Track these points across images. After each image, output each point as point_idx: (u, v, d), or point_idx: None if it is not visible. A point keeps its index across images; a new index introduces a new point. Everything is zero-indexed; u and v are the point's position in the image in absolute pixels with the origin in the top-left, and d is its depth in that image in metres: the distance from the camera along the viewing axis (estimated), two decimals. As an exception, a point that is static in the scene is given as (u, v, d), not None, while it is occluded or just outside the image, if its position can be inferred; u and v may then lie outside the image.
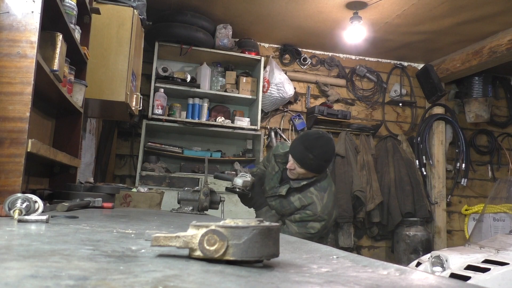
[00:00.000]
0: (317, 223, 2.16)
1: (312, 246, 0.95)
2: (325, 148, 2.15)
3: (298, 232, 2.14)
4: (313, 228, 2.16)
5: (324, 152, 2.14)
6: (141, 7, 2.94)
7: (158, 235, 0.62)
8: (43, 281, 0.42)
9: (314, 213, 2.15)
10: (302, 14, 4.11)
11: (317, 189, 2.21)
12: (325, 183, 2.25)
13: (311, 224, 2.16)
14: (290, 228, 2.17)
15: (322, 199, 2.18)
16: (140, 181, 3.97)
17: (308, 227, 2.16)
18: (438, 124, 5.18)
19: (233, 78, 4.54)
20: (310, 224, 2.16)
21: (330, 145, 2.19)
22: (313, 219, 2.16)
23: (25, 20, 1.45)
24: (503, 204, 4.17)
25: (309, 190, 2.21)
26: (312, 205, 2.16)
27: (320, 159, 2.13)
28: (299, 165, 2.15)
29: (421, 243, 4.61)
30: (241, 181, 2.22)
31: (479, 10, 3.84)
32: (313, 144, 2.12)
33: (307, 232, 2.16)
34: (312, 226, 2.16)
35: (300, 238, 1.20)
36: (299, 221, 2.18)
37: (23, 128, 1.40)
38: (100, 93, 2.67)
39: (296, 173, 2.20)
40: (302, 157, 2.13)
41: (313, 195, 2.19)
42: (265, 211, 2.26)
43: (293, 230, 2.15)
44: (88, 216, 1.36)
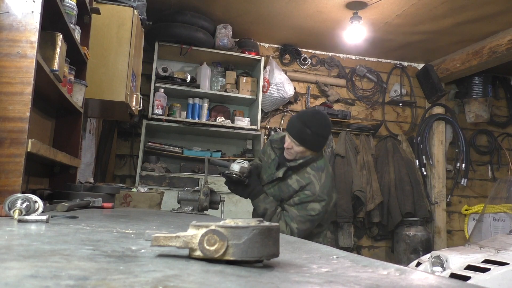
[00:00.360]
0: (317, 203, 2.12)
1: (312, 246, 0.95)
2: (323, 123, 2.13)
3: (299, 215, 2.10)
4: (313, 210, 2.11)
5: (322, 128, 2.13)
6: (141, 7, 2.94)
7: (158, 235, 0.62)
8: (43, 281, 0.42)
9: (313, 192, 2.11)
10: (302, 14, 4.11)
11: (314, 169, 2.17)
12: (321, 163, 2.21)
13: (311, 206, 2.11)
14: (290, 212, 2.12)
15: (320, 179, 2.15)
16: (140, 181, 3.97)
17: (309, 209, 2.11)
18: (438, 124, 5.18)
19: (233, 78, 4.54)
20: (310, 206, 2.11)
21: (327, 121, 2.18)
22: (313, 199, 2.11)
23: (25, 20, 1.45)
24: (503, 204, 4.17)
25: (306, 171, 2.17)
26: (310, 185, 2.13)
27: (318, 135, 2.11)
28: (297, 142, 2.12)
29: (421, 243, 4.61)
30: (239, 166, 2.17)
31: (479, 10, 3.85)
32: (311, 120, 2.11)
33: (308, 214, 2.11)
34: (313, 208, 2.11)
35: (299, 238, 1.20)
36: (298, 204, 2.13)
37: (23, 128, 1.40)
38: (100, 93, 2.67)
39: (293, 152, 2.16)
40: (299, 133, 2.11)
41: (310, 175, 2.15)
42: (262, 199, 2.20)
43: (294, 214, 2.11)
44: (88, 216, 1.36)
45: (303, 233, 2.10)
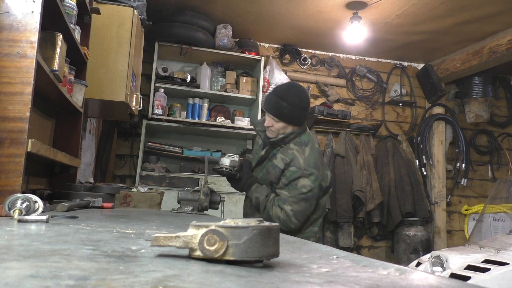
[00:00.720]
0: (305, 179, 2.03)
1: (312, 246, 0.95)
2: (299, 95, 2.10)
3: (290, 196, 2.03)
4: (304, 187, 2.03)
5: (299, 99, 2.09)
6: (141, 7, 2.94)
7: (158, 235, 0.62)
8: (43, 281, 0.42)
9: (298, 167, 2.05)
10: (302, 14, 4.11)
11: (297, 144, 2.13)
12: (305, 138, 2.16)
13: (300, 183, 2.03)
14: (282, 195, 2.06)
15: (303, 152, 2.09)
16: (140, 181, 3.97)
17: (299, 187, 2.03)
18: (438, 124, 5.18)
19: (233, 78, 4.54)
20: (299, 183, 2.04)
21: (304, 92, 2.15)
22: (299, 174, 2.04)
23: (25, 20, 1.45)
24: (503, 204, 4.17)
25: (289, 147, 2.13)
26: (294, 160, 2.08)
27: (295, 106, 2.07)
28: (275, 118, 2.10)
29: (421, 243, 4.61)
30: (228, 160, 2.15)
31: (479, 10, 3.84)
32: (286, 93, 2.09)
33: (300, 192, 2.03)
34: (303, 184, 2.03)
35: (299, 238, 1.20)
36: (287, 184, 2.06)
37: (23, 128, 1.40)
38: (100, 93, 2.67)
39: (275, 129, 2.13)
40: (276, 107, 2.08)
41: (293, 151, 2.11)
42: (254, 189, 2.16)
43: (285, 196, 2.04)
44: (88, 216, 1.36)
45: (300, 214, 2.04)
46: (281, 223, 2.03)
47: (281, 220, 2.04)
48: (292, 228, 2.05)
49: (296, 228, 2.07)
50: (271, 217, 2.07)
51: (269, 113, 2.13)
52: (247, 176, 2.19)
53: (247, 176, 2.19)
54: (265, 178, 2.18)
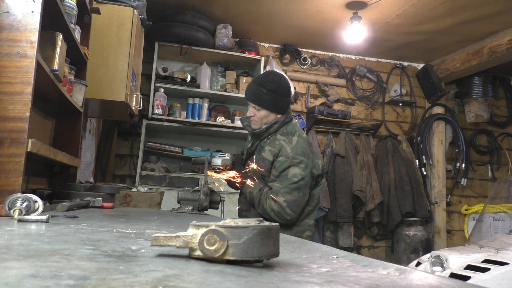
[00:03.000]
0: (295, 168, 2.02)
1: (312, 246, 0.95)
2: (278, 81, 2.10)
3: (282, 187, 2.02)
4: (295, 176, 2.02)
5: (278, 85, 2.09)
6: (141, 7, 2.94)
7: (158, 235, 0.62)
8: (43, 281, 0.42)
9: (286, 156, 2.03)
10: (302, 14, 4.11)
11: (284, 134, 2.13)
12: (291, 128, 2.16)
13: (290, 172, 2.02)
14: (274, 187, 2.04)
15: (290, 142, 2.09)
16: (140, 181, 3.97)
17: (290, 177, 2.02)
18: (438, 124, 5.18)
19: (233, 78, 4.54)
20: (290, 173, 2.02)
21: (283, 79, 2.14)
22: (288, 164, 2.03)
23: (25, 20, 1.45)
24: (503, 204, 4.17)
25: (276, 138, 2.13)
26: (282, 150, 2.07)
27: (275, 92, 2.08)
28: (257, 106, 2.10)
29: (421, 243, 4.61)
30: (220, 160, 2.13)
31: (479, 10, 3.84)
32: (264, 80, 2.10)
33: (291, 182, 2.01)
34: (293, 174, 2.02)
35: (299, 238, 1.20)
36: (278, 175, 2.05)
37: (23, 128, 1.40)
38: (100, 93, 2.67)
39: (258, 119, 2.13)
40: (255, 94, 2.09)
41: (280, 141, 2.10)
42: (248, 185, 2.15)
43: (277, 188, 2.03)
44: (88, 216, 1.36)
45: (294, 204, 2.02)
46: (276, 215, 2.03)
47: (276, 212, 2.03)
48: (288, 220, 2.04)
49: (292, 219, 2.05)
50: (265, 210, 2.06)
51: (249, 101, 2.14)
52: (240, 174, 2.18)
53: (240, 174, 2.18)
54: (256, 172, 2.17)
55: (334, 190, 4.60)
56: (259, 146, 2.20)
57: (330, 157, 4.79)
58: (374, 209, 4.72)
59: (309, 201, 2.14)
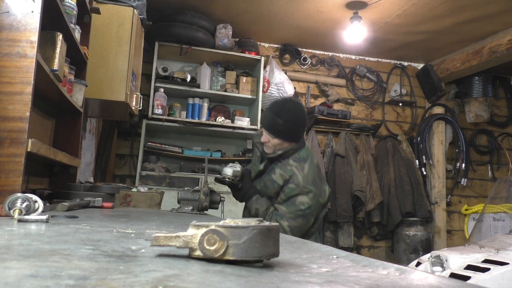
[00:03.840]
0: (304, 196, 2.03)
1: (312, 246, 0.95)
2: (294, 112, 2.09)
3: (288, 212, 2.03)
4: (302, 204, 2.03)
5: (294, 116, 2.08)
6: (141, 7, 2.94)
7: (158, 235, 0.62)
8: (43, 280, 0.42)
9: (297, 184, 2.03)
10: (302, 14, 4.11)
11: (296, 160, 2.12)
12: (304, 154, 2.15)
13: (299, 200, 2.03)
14: (280, 210, 2.06)
15: (302, 169, 2.08)
16: (140, 181, 3.97)
17: (297, 204, 2.03)
18: (438, 124, 5.18)
19: (233, 78, 4.54)
20: (298, 200, 2.03)
21: (299, 109, 2.13)
22: (298, 192, 2.03)
23: (25, 19, 1.45)
24: (503, 204, 4.17)
25: (288, 163, 2.12)
26: (293, 177, 2.06)
27: (290, 123, 2.07)
28: (271, 134, 2.09)
29: (421, 243, 4.61)
30: (231, 170, 2.15)
31: (479, 10, 3.84)
32: (281, 109, 2.08)
33: (297, 209, 2.03)
34: (301, 202, 2.03)
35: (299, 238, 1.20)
36: (286, 200, 2.06)
37: (23, 128, 1.40)
38: (100, 93, 2.67)
39: (271, 145, 2.13)
40: (271, 124, 2.08)
41: (292, 167, 2.10)
42: (255, 200, 2.16)
43: (283, 212, 2.04)
44: (88, 216, 1.36)
45: (297, 230, 2.04)
46: None
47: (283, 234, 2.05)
48: None
49: None
50: None
51: (266, 129, 2.13)
52: (248, 186, 2.20)
53: (248, 186, 2.20)
54: (264, 191, 2.19)
55: (334, 190, 4.60)
56: (269, 167, 2.20)
57: (330, 157, 4.79)
58: (374, 209, 4.72)
59: (313, 224, 2.15)
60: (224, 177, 2.16)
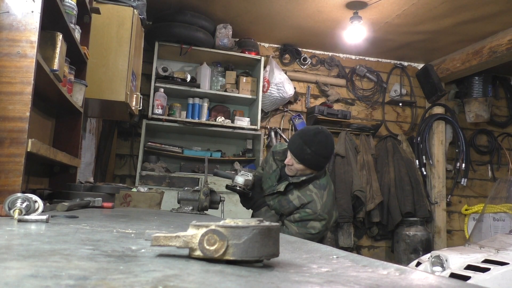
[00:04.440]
0: (317, 222, 2.11)
1: (312, 246, 0.95)
2: (324, 144, 2.11)
3: (298, 233, 2.07)
4: (313, 228, 2.10)
5: (323, 148, 2.11)
6: (141, 7, 2.94)
7: (158, 235, 0.62)
8: (43, 280, 0.42)
9: (314, 211, 2.10)
10: (302, 14, 4.11)
11: (316, 187, 2.17)
12: (324, 181, 2.20)
13: (311, 224, 2.11)
14: (290, 228, 2.12)
15: (322, 197, 2.13)
16: (140, 181, 3.97)
17: (309, 227, 2.10)
18: (438, 124, 5.18)
19: (233, 78, 4.54)
20: (310, 224, 2.11)
21: (329, 142, 2.16)
22: (313, 218, 2.10)
23: (25, 19, 1.45)
24: (503, 204, 4.17)
25: (308, 188, 2.16)
26: (311, 203, 2.12)
27: (318, 155, 2.10)
28: (297, 160, 2.12)
29: (421, 243, 4.61)
30: (243, 179, 2.18)
31: (479, 10, 3.84)
32: (311, 139, 2.10)
33: (308, 232, 2.10)
34: (313, 226, 2.10)
35: (300, 238, 1.20)
36: (299, 221, 2.13)
37: (23, 127, 1.40)
38: (100, 93, 2.67)
39: (294, 169, 2.15)
40: (300, 152, 2.10)
41: (312, 193, 2.14)
42: (264, 212, 2.20)
43: (293, 231, 2.09)
44: (88, 216, 1.36)
45: None
46: None
47: None
48: None
49: None
50: None
51: (292, 154, 2.14)
52: (258, 196, 2.24)
53: (258, 196, 2.24)
54: (276, 208, 2.22)
55: (334, 190, 4.60)
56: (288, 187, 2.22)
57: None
58: (374, 209, 4.72)
59: None
60: (235, 185, 2.20)
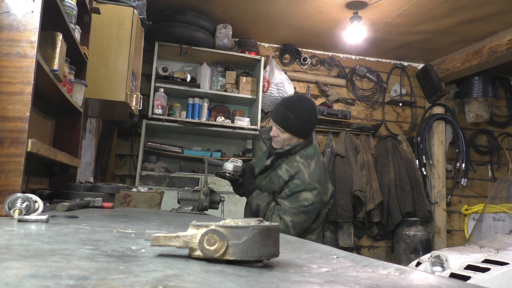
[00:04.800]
0: (308, 192, 2.05)
1: (312, 246, 0.95)
2: (307, 109, 2.11)
3: (291, 207, 2.04)
4: (306, 200, 2.04)
5: (306, 112, 2.10)
6: (141, 7, 2.94)
7: (158, 234, 0.62)
8: (43, 280, 0.42)
9: (303, 181, 2.05)
10: (302, 14, 4.11)
11: (303, 157, 2.14)
12: (311, 151, 2.17)
13: (303, 196, 2.05)
14: (283, 205, 2.07)
15: (308, 166, 2.10)
16: (140, 181, 3.97)
17: (301, 200, 2.04)
18: (438, 124, 5.18)
19: (233, 78, 4.54)
20: (302, 196, 2.05)
21: (312, 106, 2.15)
22: (303, 188, 2.05)
23: (25, 19, 1.45)
24: (503, 204, 4.17)
25: (295, 159, 2.13)
26: (299, 173, 2.08)
27: (302, 120, 2.09)
28: (281, 129, 2.11)
29: (421, 243, 4.61)
30: (232, 165, 2.16)
31: (479, 10, 3.84)
32: (294, 105, 2.10)
33: (301, 205, 2.04)
34: (305, 198, 2.04)
35: (299, 238, 1.20)
36: (290, 195, 2.07)
37: (23, 127, 1.40)
38: (100, 93, 2.67)
39: (280, 140, 2.14)
40: (283, 118, 2.09)
41: (299, 163, 2.11)
42: (256, 195, 2.17)
43: (286, 207, 2.05)
44: (88, 216, 1.36)
45: (299, 226, 2.05)
46: None
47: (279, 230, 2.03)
48: None
49: None
50: None
51: (276, 123, 2.13)
52: (249, 181, 2.21)
53: (249, 181, 2.21)
54: (268, 186, 2.20)
55: (334, 190, 4.60)
56: (276, 162, 2.20)
57: (330, 157, 4.79)
58: (374, 209, 4.72)
59: (315, 220, 2.16)
60: (225, 171, 2.17)
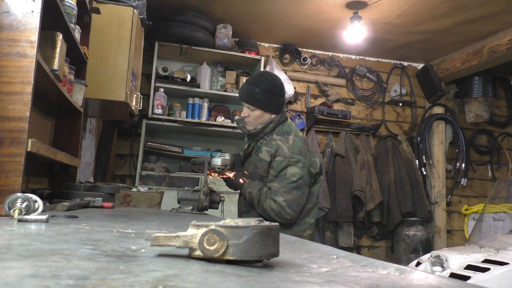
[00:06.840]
0: (293, 167, 2.02)
1: (312, 246, 0.95)
2: (271, 81, 2.12)
3: (281, 187, 2.02)
4: (293, 175, 2.02)
5: (271, 85, 2.11)
6: (141, 7, 2.94)
7: (158, 234, 0.62)
8: (43, 280, 0.42)
9: (284, 156, 2.04)
10: (302, 14, 4.11)
11: (280, 134, 2.13)
12: (287, 127, 2.17)
13: (289, 172, 2.03)
14: (273, 187, 2.05)
15: (287, 141, 2.08)
16: (140, 181, 3.97)
17: (288, 176, 2.02)
18: (438, 124, 5.18)
19: (233, 78, 4.54)
20: (288, 172, 2.02)
21: (276, 79, 2.16)
22: (286, 163, 2.03)
23: (25, 19, 1.45)
24: (503, 204, 4.17)
25: (273, 138, 2.13)
26: (278, 149, 2.07)
27: (268, 92, 2.09)
28: (251, 106, 2.11)
29: (421, 243, 4.61)
30: (220, 160, 2.15)
31: (479, 10, 3.84)
32: (257, 79, 2.11)
33: (290, 182, 2.01)
34: (291, 173, 2.02)
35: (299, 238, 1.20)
36: (276, 175, 2.05)
37: (23, 127, 1.40)
38: (100, 93, 2.67)
39: (252, 120, 2.14)
40: (249, 94, 2.10)
41: (277, 141, 2.11)
42: (248, 185, 2.16)
43: (276, 188, 2.03)
44: (88, 215, 1.36)
45: (294, 203, 2.02)
46: (276, 215, 2.03)
47: (276, 212, 2.03)
48: (288, 219, 2.04)
49: (292, 219, 2.06)
50: (265, 210, 2.06)
51: (243, 101, 2.15)
52: (239, 173, 2.20)
53: (239, 173, 2.20)
54: (255, 173, 2.19)
55: (334, 190, 4.60)
56: (256, 147, 2.21)
57: (330, 157, 4.79)
58: (374, 209, 4.72)
59: (308, 199, 2.15)
60: (214, 167, 2.17)
